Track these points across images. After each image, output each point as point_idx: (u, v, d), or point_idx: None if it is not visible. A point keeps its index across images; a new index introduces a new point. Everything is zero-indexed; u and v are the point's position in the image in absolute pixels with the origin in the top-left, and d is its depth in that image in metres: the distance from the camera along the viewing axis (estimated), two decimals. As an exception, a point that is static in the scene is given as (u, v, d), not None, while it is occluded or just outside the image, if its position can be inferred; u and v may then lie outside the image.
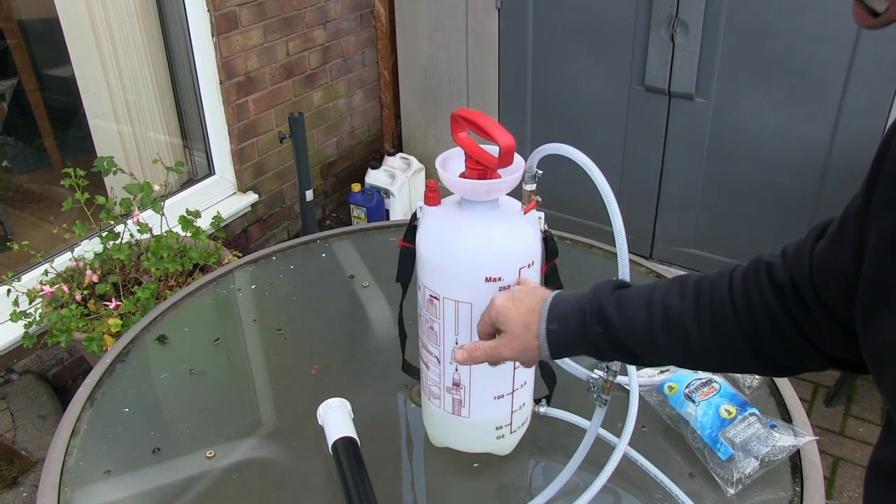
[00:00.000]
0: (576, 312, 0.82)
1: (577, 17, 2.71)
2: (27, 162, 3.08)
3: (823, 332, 0.73)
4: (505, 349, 0.87)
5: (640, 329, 0.80)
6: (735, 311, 0.77)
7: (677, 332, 0.79)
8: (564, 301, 0.84)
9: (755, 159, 2.58)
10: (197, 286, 1.52)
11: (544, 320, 0.83)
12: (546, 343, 0.83)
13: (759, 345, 0.77)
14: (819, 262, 0.72)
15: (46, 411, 2.24)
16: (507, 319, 0.86)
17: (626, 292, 0.82)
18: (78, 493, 1.07)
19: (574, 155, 0.88)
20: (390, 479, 1.11)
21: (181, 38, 2.71)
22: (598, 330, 0.81)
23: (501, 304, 0.87)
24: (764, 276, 0.77)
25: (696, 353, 0.80)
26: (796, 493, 1.05)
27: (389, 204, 3.29)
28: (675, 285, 0.82)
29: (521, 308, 0.85)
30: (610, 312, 0.80)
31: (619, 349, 0.82)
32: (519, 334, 0.85)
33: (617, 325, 0.80)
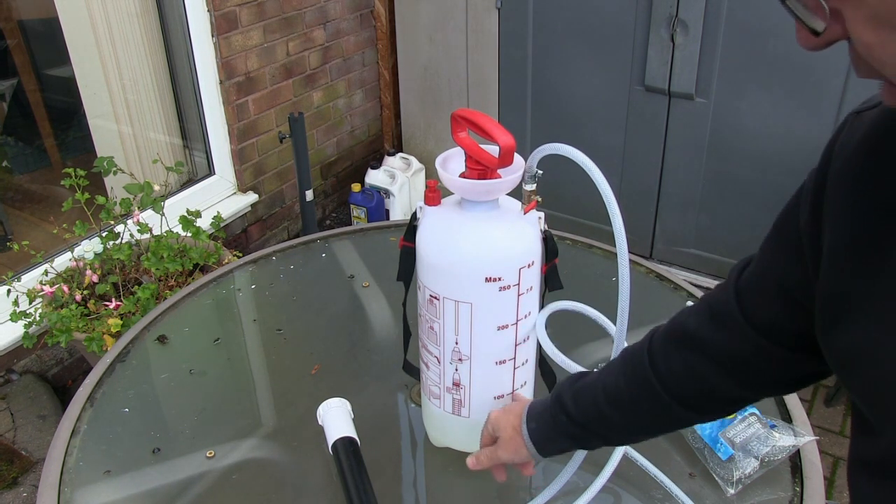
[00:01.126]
0: (546, 408, 0.90)
1: (577, 17, 2.71)
2: (27, 162, 3.08)
3: (760, 359, 0.75)
4: (502, 452, 0.94)
5: (593, 412, 0.85)
6: (656, 373, 0.81)
7: (614, 399, 0.84)
8: (539, 402, 0.92)
9: (755, 159, 2.58)
10: (197, 286, 1.52)
11: (524, 422, 0.91)
12: (530, 441, 0.90)
13: (683, 400, 0.80)
14: (748, 287, 0.74)
15: (46, 411, 2.24)
16: (500, 426, 0.95)
17: (585, 380, 0.88)
18: (78, 493, 1.07)
19: (574, 155, 0.88)
20: (390, 479, 1.11)
21: (181, 38, 2.71)
22: (563, 419, 0.87)
23: (496, 416, 0.97)
24: (677, 338, 0.80)
25: (634, 415, 0.84)
26: (796, 493, 1.05)
27: (389, 204, 3.29)
28: (616, 361, 0.87)
29: (510, 416, 0.95)
30: (567, 401, 0.87)
31: (589, 434, 0.87)
32: (510, 437, 0.93)
33: (574, 413, 0.86)
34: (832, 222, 0.62)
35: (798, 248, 0.67)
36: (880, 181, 0.58)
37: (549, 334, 1.02)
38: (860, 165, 0.60)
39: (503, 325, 0.98)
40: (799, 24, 0.52)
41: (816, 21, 0.50)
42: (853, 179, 0.60)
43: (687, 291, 1.46)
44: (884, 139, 0.58)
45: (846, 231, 0.60)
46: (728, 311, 0.74)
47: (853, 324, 0.59)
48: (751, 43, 2.42)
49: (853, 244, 0.59)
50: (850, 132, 0.62)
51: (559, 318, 1.06)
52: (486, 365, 1.00)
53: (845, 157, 0.61)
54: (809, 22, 0.50)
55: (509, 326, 0.98)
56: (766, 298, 0.71)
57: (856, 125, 0.62)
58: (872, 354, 0.57)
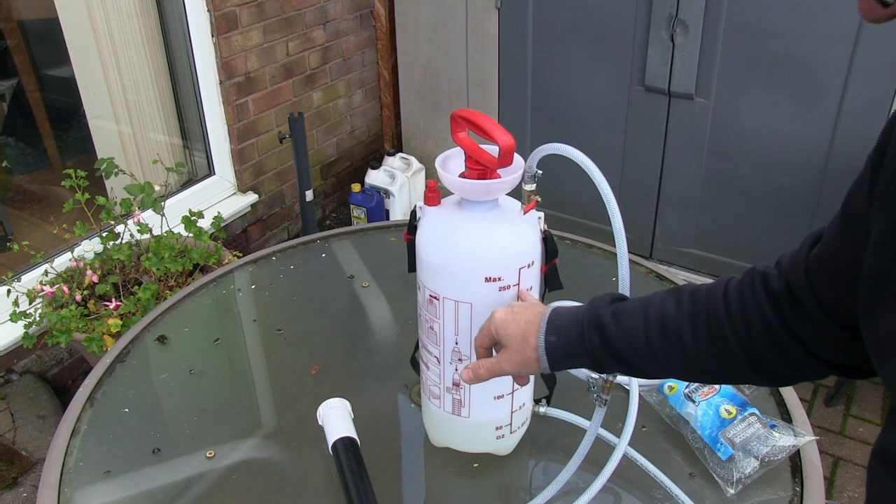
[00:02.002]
0: (574, 324, 0.83)
1: (577, 17, 2.71)
2: (27, 162, 3.08)
3: (823, 337, 0.73)
4: (506, 364, 0.87)
5: (638, 338, 0.80)
6: (731, 321, 0.77)
7: (674, 341, 0.79)
8: (562, 314, 0.85)
9: (755, 159, 2.58)
10: (197, 286, 1.52)
11: (543, 332, 0.84)
12: (545, 355, 0.84)
13: (754, 355, 0.77)
14: (816, 263, 0.73)
15: (46, 411, 2.24)
16: (507, 333, 0.86)
17: (624, 303, 0.83)
18: (78, 493, 1.07)
19: (574, 155, 0.88)
20: (390, 479, 1.11)
21: (181, 38, 2.72)
22: (595, 340, 0.81)
23: (501, 317, 0.87)
24: (759, 286, 0.77)
25: (692, 363, 0.80)
26: (796, 493, 1.05)
27: (389, 204, 3.29)
28: (671, 295, 0.82)
29: (519, 321, 0.86)
30: (607, 322, 0.81)
31: (616, 360, 0.82)
32: (518, 347, 0.85)
33: (614, 335, 0.81)
34: (881, 205, 0.61)
35: (854, 232, 0.66)
36: None
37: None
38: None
39: (503, 325, 0.98)
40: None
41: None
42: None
43: (687, 291, 1.46)
44: None
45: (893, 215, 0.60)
46: (800, 286, 0.73)
47: (891, 311, 0.59)
48: (751, 43, 2.42)
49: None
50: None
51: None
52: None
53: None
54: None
55: (509, 326, 0.98)
56: (830, 281, 0.71)
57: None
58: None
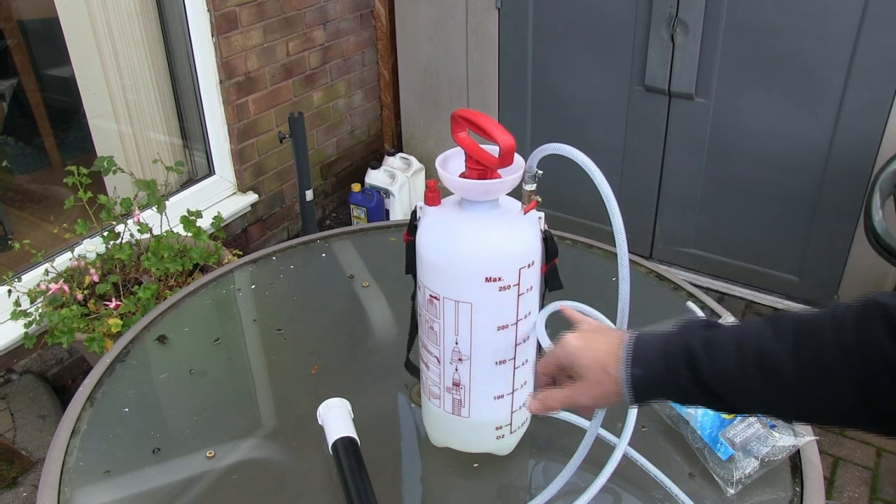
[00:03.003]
0: (661, 355, 0.77)
1: (577, 17, 2.71)
2: (27, 162, 3.08)
3: None
4: (583, 397, 0.80)
5: (733, 373, 0.73)
6: (844, 355, 0.69)
7: (773, 377, 0.72)
8: (647, 343, 0.78)
9: (755, 159, 2.58)
10: (197, 286, 1.52)
11: (626, 364, 0.77)
12: (629, 389, 0.77)
13: (873, 395, 0.68)
14: None
15: (46, 411, 2.24)
16: (583, 363, 0.80)
17: (715, 333, 0.76)
18: (78, 493, 1.07)
19: (574, 155, 0.88)
20: (390, 479, 1.11)
21: (181, 38, 2.71)
22: (685, 374, 0.75)
23: (576, 344, 0.81)
24: (878, 320, 0.69)
25: (794, 401, 0.73)
26: (796, 493, 1.05)
27: (389, 204, 3.29)
28: (768, 326, 0.74)
29: (597, 350, 0.79)
30: (699, 354, 0.74)
31: (707, 394, 0.76)
32: (597, 380, 0.78)
33: (706, 369, 0.74)
34: None
35: None
36: None
37: (549, 334, 1.02)
38: None
39: (503, 325, 0.98)
40: None
41: None
42: None
43: (687, 291, 1.46)
44: None
45: None
46: None
47: None
48: (751, 43, 2.42)
49: None
50: None
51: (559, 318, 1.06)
52: (486, 365, 1.00)
53: None
54: None
55: (509, 326, 0.98)
56: None
57: None
58: None
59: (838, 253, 2.56)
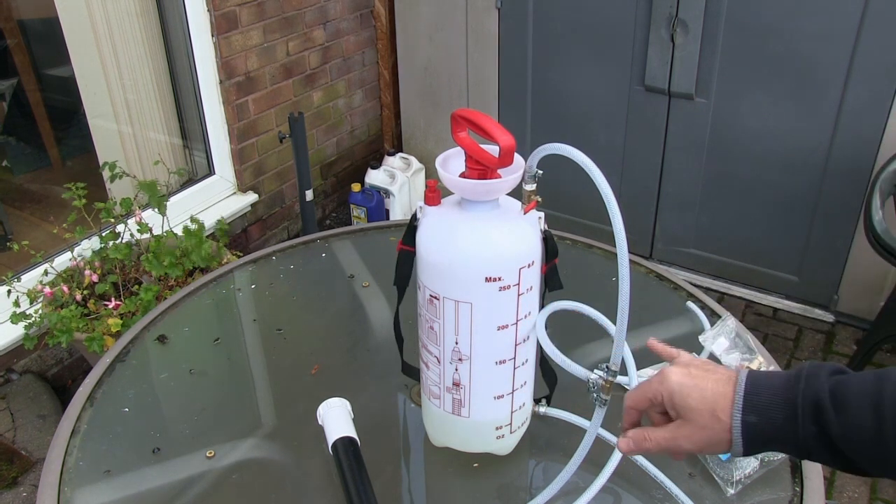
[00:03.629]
0: (781, 405, 0.67)
1: (577, 17, 2.71)
2: (27, 162, 3.08)
3: None
4: (685, 441, 0.71)
5: (866, 435, 0.64)
6: None
7: None
8: (763, 386, 0.68)
9: (755, 159, 2.58)
10: (197, 286, 1.52)
11: (739, 410, 0.67)
12: (741, 439, 0.68)
13: None
14: None
15: (46, 411, 2.24)
16: (688, 404, 0.70)
17: (847, 383, 0.66)
18: (78, 493, 1.07)
19: (574, 155, 0.88)
20: (390, 479, 1.11)
21: (181, 38, 2.71)
22: (812, 429, 0.66)
23: (679, 381, 0.71)
24: None
25: None
26: (796, 493, 1.05)
27: (389, 204, 3.29)
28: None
29: (705, 391, 0.69)
30: (827, 411, 0.65)
31: (833, 453, 0.67)
32: (705, 424, 0.69)
33: (835, 427, 0.65)
34: None
35: None
36: None
37: (549, 334, 1.02)
38: None
39: (503, 325, 0.98)
40: None
41: None
42: None
43: (687, 291, 1.46)
44: None
45: None
46: None
47: None
48: (751, 43, 2.42)
49: None
50: None
51: (559, 318, 1.06)
52: (486, 365, 1.00)
53: None
54: None
55: (509, 326, 0.98)
56: None
57: None
58: None
59: (838, 253, 2.56)
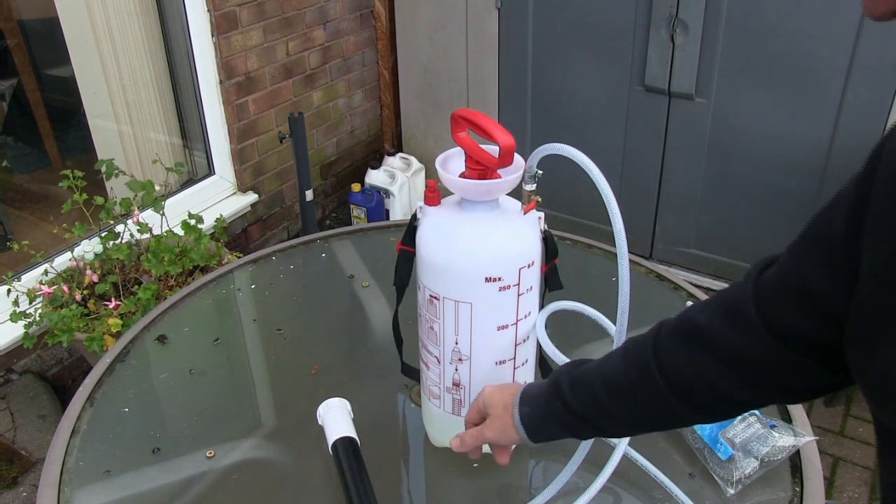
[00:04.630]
0: (541, 393, 0.87)
1: (577, 17, 2.71)
2: (27, 162, 3.08)
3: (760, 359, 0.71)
4: (488, 430, 0.92)
5: (590, 399, 0.83)
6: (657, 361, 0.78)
7: (613, 388, 0.81)
8: (534, 386, 0.90)
9: (755, 159, 2.58)
10: (197, 286, 1.52)
11: (516, 406, 0.89)
12: (520, 425, 0.88)
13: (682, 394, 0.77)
14: (772, 286, 0.70)
15: (46, 411, 2.24)
16: (492, 402, 0.92)
17: (584, 366, 0.86)
18: (78, 493, 1.07)
19: (574, 155, 0.88)
20: (390, 479, 1.11)
21: (181, 38, 2.71)
22: (557, 404, 0.85)
23: (489, 392, 0.94)
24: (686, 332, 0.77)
25: (633, 407, 0.82)
26: (796, 493, 1.05)
27: (389, 204, 3.29)
28: (618, 350, 0.84)
29: (504, 394, 0.92)
30: (563, 385, 0.85)
31: (581, 422, 0.85)
32: (499, 415, 0.90)
33: (569, 396, 0.84)
34: (877, 234, 0.58)
35: (829, 257, 0.63)
36: None
37: (549, 334, 1.02)
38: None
39: (503, 325, 0.98)
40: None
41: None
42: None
43: (687, 291, 1.46)
44: None
45: (893, 243, 0.56)
46: (744, 310, 0.71)
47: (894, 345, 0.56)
48: (751, 43, 2.42)
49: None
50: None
51: (559, 318, 1.06)
52: (486, 365, 1.00)
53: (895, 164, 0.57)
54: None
55: (509, 326, 0.98)
56: (787, 303, 0.68)
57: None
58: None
59: (838, 253, 2.55)
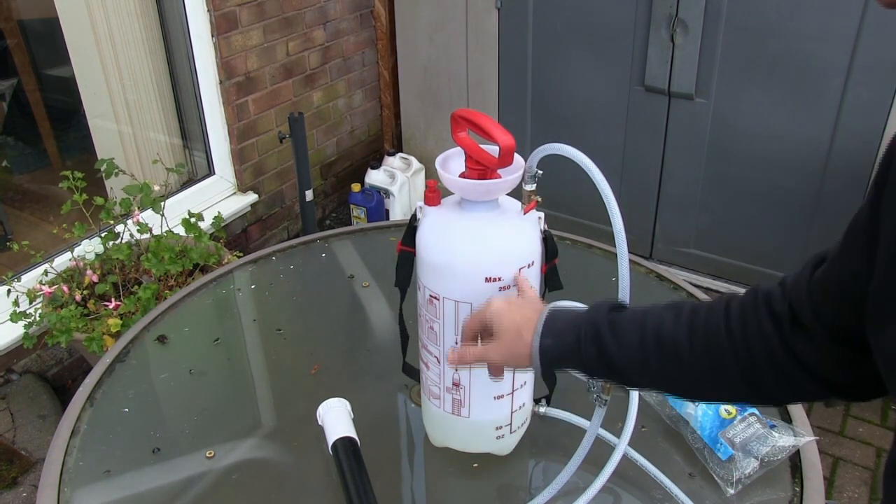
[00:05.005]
0: (571, 330, 0.82)
1: (577, 17, 2.71)
2: (27, 162, 3.08)
3: (824, 357, 0.72)
4: (494, 353, 0.87)
5: (634, 351, 0.79)
6: (731, 340, 0.75)
7: (670, 355, 0.78)
8: (560, 317, 0.84)
9: (755, 159, 2.58)
10: (197, 286, 1.52)
11: (538, 334, 0.83)
12: (538, 357, 0.83)
13: (752, 374, 0.75)
14: (819, 283, 0.71)
15: (46, 411, 2.24)
16: (502, 324, 0.86)
17: (622, 314, 0.82)
18: (78, 493, 1.07)
19: (574, 155, 0.88)
20: (390, 479, 1.11)
21: (181, 38, 2.71)
22: (591, 350, 0.81)
23: (498, 307, 0.87)
24: (762, 306, 0.75)
25: (687, 378, 0.79)
26: (796, 493, 1.05)
27: (389, 204, 3.29)
28: (670, 309, 0.81)
29: (515, 315, 0.85)
30: (605, 332, 0.80)
31: (611, 370, 0.82)
32: (511, 341, 0.85)
33: (611, 347, 0.80)
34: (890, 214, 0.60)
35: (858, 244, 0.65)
36: None
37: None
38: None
39: (503, 325, 0.98)
40: None
41: None
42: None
43: (687, 291, 1.46)
44: None
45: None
46: (800, 304, 0.72)
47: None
48: (751, 43, 2.42)
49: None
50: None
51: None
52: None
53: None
54: None
55: (509, 326, 0.98)
56: (834, 300, 0.69)
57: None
58: None
59: (838, 253, 2.55)
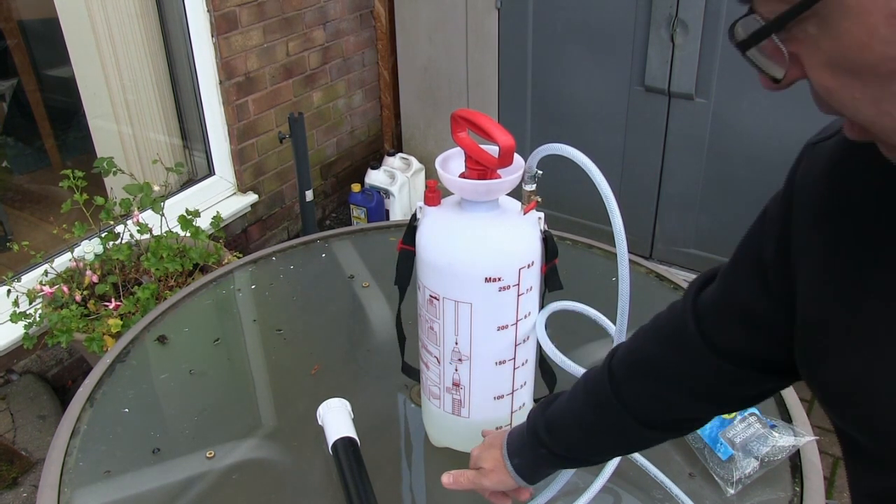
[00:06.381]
0: (525, 443, 0.89)
1: (577, 17, 2.71)
2: (27, 162, 3.08)
3: (714, 383, 0.74)
4: (486, 481, 0.93)
5: (570, 441, 0.86)
6: (621, 402, 0.80)
7: (592, 433, 0.85)
8: (517, 436, 0.91)
9: (755, 159, 2.58)
10: (197, 286, 1.52)
11: (506, 457, 0.90)
12: (517, 476, 0.90)
13: (650, 422, 0.81)
14: (709, 314, 0.73)
15: (46, 411, 2.24)
16: (482, 459, 0.94)
17: (554, 408, 0.87)
18: (78, 494, 1.07)
19: (574, 155, 0.88)
20: (390, 479, 1.11)
21: (181, 39, 2.71)
22: (542, 451, 0.87)
23: (476, 454, 0.96)
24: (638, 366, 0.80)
25: (611, 444, 0.87)
26: (796, 493, 1.05)
27: (389, 204, 3.29)
28: (580, 387, 0.86)
29: (492, 450, 0.93)
30: (542, 432, 0.87)
31: (572, 459, 0.89)
32: (494, 468, 0.92)
33: (552, 445, 0.86)
34: (804, 256, 0.61)
35: (763, 279, 0.67)
36: (847, 212, 0.58)
37: (549, 334, 1.02)
38: (825, 197, 0.60)
39: (503, 326, 0.98)
40: (759, 72, 0.52)
41: (776, 68, 0.51)
42: (819, 212, 0.60)
43: (687, 291, 1.46)
44: (845, 169, 0.59)
45: (820, 264, 0.60)
46: (687, 334, 0.74)
47: (840, 357, 0.58)
48: (751, 43, 2.42)
49: (830, 277, 0.59)
50: (810, 164, 0.62)
51: (559, 318, 1.06)
52: (486, 365, 1.00)
53: (808, 190, 0.61)
54: (770, 70, 0.51)
55: (509, 326, 0.98)
56: (729, 325, 0.71)
57: (814, 157, 0.62)
58: (868, 386, 0.56)
59: (838, 253, 2.55)
